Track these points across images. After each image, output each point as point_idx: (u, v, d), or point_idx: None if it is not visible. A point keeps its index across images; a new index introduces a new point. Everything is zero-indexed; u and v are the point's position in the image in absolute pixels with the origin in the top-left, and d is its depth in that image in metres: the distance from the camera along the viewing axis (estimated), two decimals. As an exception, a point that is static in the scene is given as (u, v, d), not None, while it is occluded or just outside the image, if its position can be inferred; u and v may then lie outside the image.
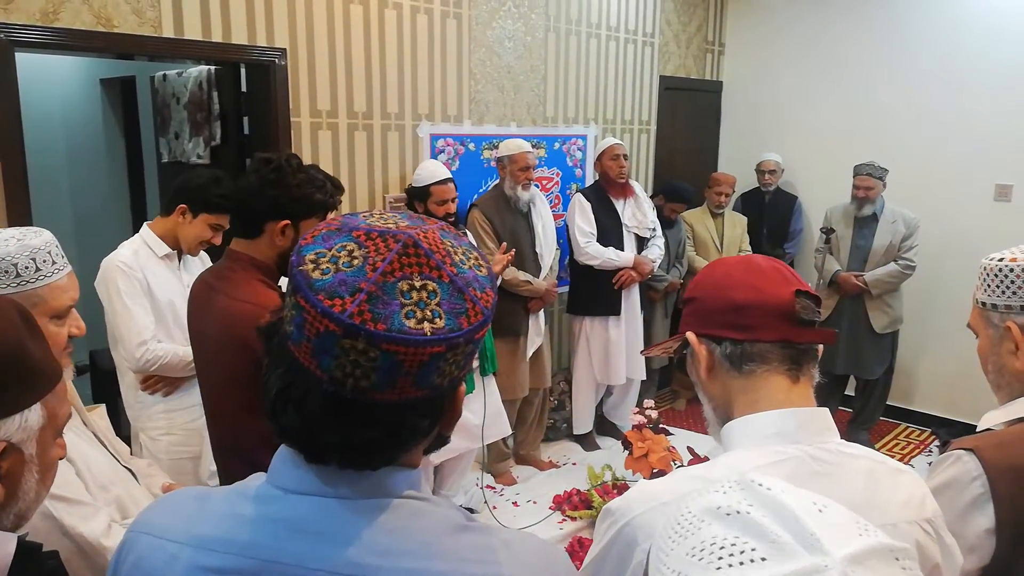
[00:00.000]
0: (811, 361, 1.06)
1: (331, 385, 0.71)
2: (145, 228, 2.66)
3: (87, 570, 1.41)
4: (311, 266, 0.71)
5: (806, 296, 1.04)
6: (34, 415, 0.88)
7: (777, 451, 0.99)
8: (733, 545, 0.55)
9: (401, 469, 0.78)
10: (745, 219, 5.30)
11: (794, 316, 1.02)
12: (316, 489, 0.76)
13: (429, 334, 0.69)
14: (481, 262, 0.78)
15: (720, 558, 0.55)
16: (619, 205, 4.36)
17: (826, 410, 1.06)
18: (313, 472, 0.76)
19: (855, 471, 1.01)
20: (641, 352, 1.50)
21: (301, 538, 0.74)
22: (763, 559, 0.54)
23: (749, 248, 5.21)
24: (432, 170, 3.60)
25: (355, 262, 0.71)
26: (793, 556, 0.54)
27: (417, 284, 0.71)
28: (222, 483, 2.04)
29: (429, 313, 0.70)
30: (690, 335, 1.10)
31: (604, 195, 4.35)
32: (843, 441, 1.05)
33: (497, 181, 4.12)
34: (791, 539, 0.55)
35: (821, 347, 1.08)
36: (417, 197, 3.57)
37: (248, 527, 0.75)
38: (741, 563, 0.54)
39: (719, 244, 5.15)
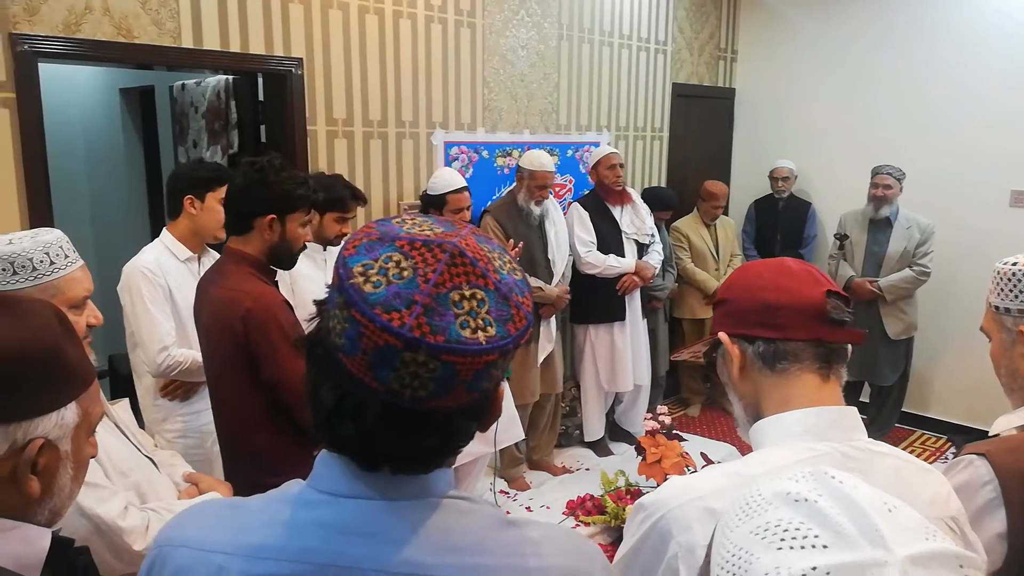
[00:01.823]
0: (841, 360, 1.09)
1: (388, 396, 0.71)
2: (166, 233, 2.71)
3: (104, 550, 1.46)
4: (361, 279, 0.71)
5: (836, 296, 1.07)
6: (70, 413, 0.90)
7: (809, 448, 1.01)
8: (797, 529, 0.56)
9: (442, 470, 0.80)
10: (733, 223, 5.34)
11: (825, 316, 1.05)
12: (364, 492, 0.77)
13: (484, 343, 0.71)
14: (515, 266, 0.80)
15: (783, 539, 0.56)
16: (616, 212, 4.38)
17: (854, 409, 1.08)
18: (363, 478, 0.77)
19: (884, 469, 1.03)
20: (672, 356, 1.53)
21: (355, 540, 0.75)
22: (824, 546, 0.55)
23: (741, 252, 5.28)
24: (448, 178, 3.63)
25: (405, 273, 0.71)
26: (855, 547, 0.54)
27: (467, 293, 0.72)
28: (225, 467, 2.16)
29: (481, 322, 0.72)
30: (723, 335, 1.12)
31: (601, 203, 4.37)
32: (871, 439, 1.06)
33: (512, 187, 4.14)
34: (855, 531, 0.55)
35: (850, 348, 1.11)
36: (432, 205, 3.60)
37: (298, 532, 0.76)
38: (802, 547, 0.55)
39: (715, 253, 5.17)
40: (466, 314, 0.71)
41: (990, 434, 1.35)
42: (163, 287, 2.57)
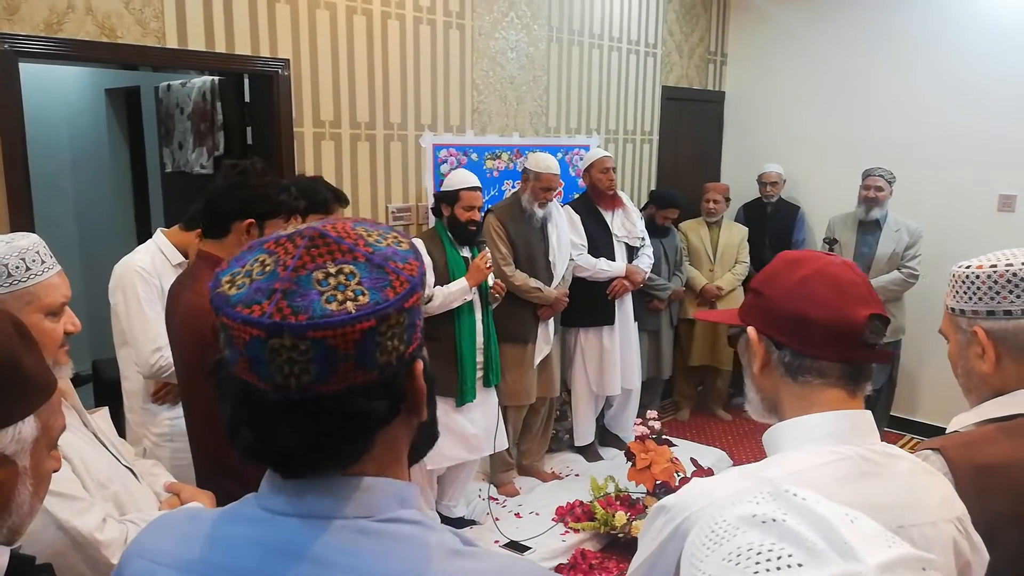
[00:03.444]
0: (868, 377, 1.08)
1: (276, 392, 0.69)
2: (160, 235, 2.67)
3: (81, 563, 1.42)
4: (227, 286, 0.71)
5: (879, 319, 1.05)
6: (28, 427, 0.87)
7: (831, 451, 1.01)
8: (770, 551, 0.56)
9: (388, 484, 0.76)
10: (746, 230, 5.28)
11: (861, 339, 1.04)
12: (301, 510, 0.74)
13: (354, 311, 0.68)
14: (401, 239, 0.77)
15: (757, 563, 0.56)
16: (608, 215, 4.37)
17: (870, 413, 1.07)
18: (293, 490, 0.74)
19: (899, 472, 1.03)
20: (693, 315, 1.52)
21: (286, 562, 0.72)
22: (799, 564, 0.55)
23: (747, 259, 5.21)
24: (464, 176, 3.64)
25: (267, 268, 0.71)
26: (828, 562, 0.55)
27: (332, 270, 0.70)
28: (197, 475, 2.12)
29: (351, 293, 0.69)
30: (751, 331, 1.10)
31: (593, 206, 4.36)
32: (885, 443, 1.07)
33: (517, 189, 4.14)
34: (826, 546, 0.56)
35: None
36: (445, 200, 3.60)
37: (237, 550, 0.74)
38: (778, 568, 0.55)
39: (711, 254, 5.15)
40: (332, 289, 0.69)
41: (947, 431, 1.37)
42: (157, 287, 2.54)
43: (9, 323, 0.86)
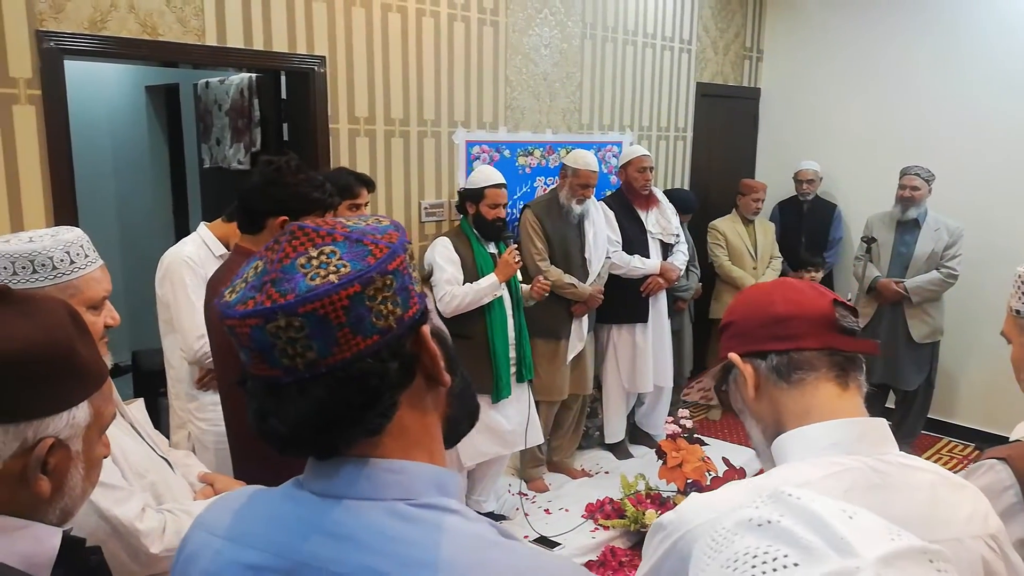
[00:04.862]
0: (857, 368, 1.07)
1: (288, 375, 0.73)
2: (204, 228, 2.74)
3: (122, 551, 1.46)
4: (228, 295, 0.76)
5: (843, 306, 1.06)
6: (82, 413, 0.89)
7: (835, 463, 0.98)
8: (766, 553, 0.56)
9: (424, 468, 0.78)
10: (773, 226, 5.23)
11: (835, 324, 1.04)
12: (338, 491, 0.77)
13: (337, 281, 0.71)
14: (381, 219, 0.81)
15: (754, 567, 0.56)
16: (642, 212, 4.37)
17: (884, 421, 1.05)
18: (328, 471, 0.78)
19: (916, 484, 0.99)
20: (682, 396, 1.52)
21: (328, 541, 0.75)
22: (795, 564, 0.55)
23: (780, 255, 5.14)
24: (488, 174, 3.67)
25: (259, 270, 0.76)
26: (824, 559, 0.54)
27: (314, 254, 0.74)
28: (234, 465, 2.14)
29: (333, 268, 0.72)
30: (733, 356, 1.10)
31: (627, 203, 4.35)
32: (903, 453, 1.03)
33: (555, 185, 4.15)
34: (822, 543, 0.55)
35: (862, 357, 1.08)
36: (470, 198, 3.63)
37: (285, 528, 0.78)
38: (774, 569, 0.55)
39: (753, 252, 5.08)
40: (316, 269, 0.73)
41: (1011, 439, 1.33)
42: (203, 277, 2.61)
43: (65, 312, 0.89)
